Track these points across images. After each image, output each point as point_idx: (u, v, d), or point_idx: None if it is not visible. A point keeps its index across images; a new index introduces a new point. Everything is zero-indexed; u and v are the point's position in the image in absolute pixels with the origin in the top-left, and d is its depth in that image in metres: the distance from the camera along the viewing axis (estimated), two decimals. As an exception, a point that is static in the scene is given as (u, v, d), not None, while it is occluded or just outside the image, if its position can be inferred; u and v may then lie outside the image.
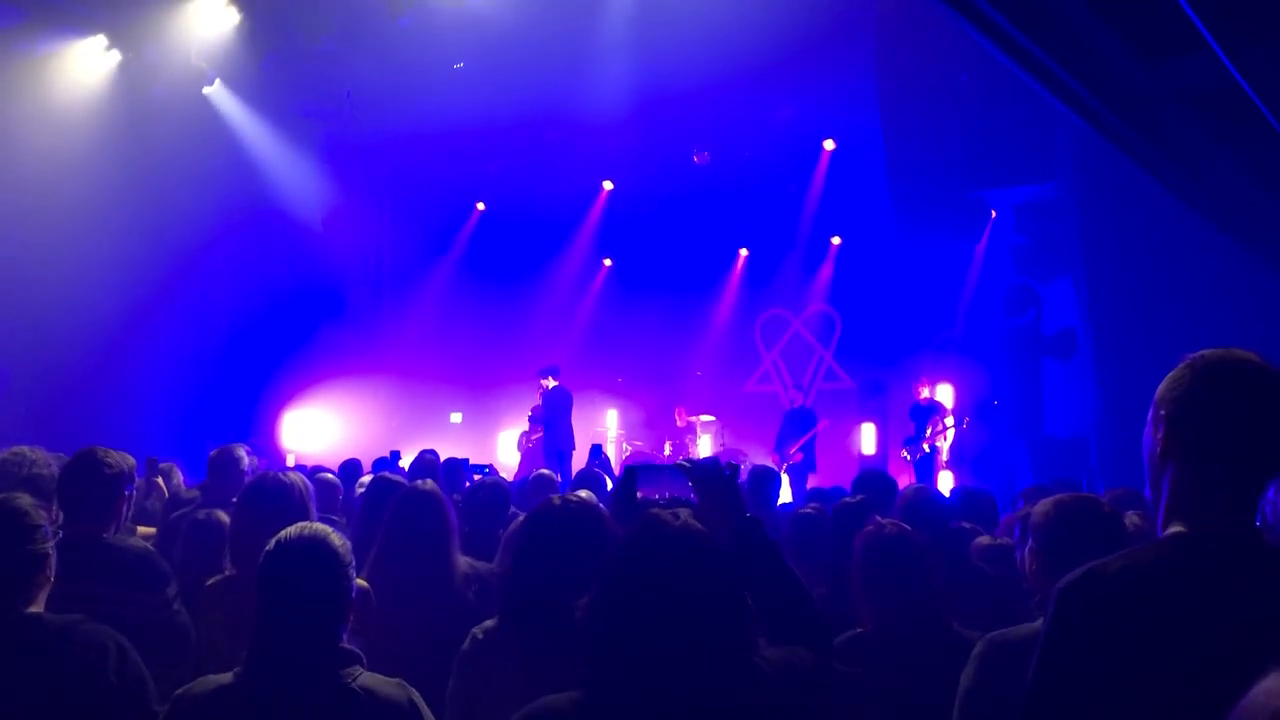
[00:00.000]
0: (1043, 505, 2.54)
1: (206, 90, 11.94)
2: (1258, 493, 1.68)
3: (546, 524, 2.58)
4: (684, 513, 1.79)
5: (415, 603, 3.22)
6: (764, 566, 2.03)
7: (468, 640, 2.55)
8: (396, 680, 2.21)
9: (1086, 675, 1.51)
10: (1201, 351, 1.70)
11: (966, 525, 4.54)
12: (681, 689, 1.62)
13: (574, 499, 2.64)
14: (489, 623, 2.57)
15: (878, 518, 3.04)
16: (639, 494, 2.14)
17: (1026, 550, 2.57)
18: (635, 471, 2.17)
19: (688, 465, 2.15)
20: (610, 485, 5.83)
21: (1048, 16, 4.42)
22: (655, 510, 1.79)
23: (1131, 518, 3.48)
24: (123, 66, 11.57)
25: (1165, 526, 1.68)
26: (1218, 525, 1.61)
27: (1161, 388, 1.71)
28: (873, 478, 4.75)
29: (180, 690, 2.15)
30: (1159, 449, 1.69)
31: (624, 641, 1.67)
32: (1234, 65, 4.14)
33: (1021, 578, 2.73)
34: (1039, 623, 1.83)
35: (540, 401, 12.12)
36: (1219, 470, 1.63)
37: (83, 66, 11.44)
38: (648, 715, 1.62)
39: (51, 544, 2.53)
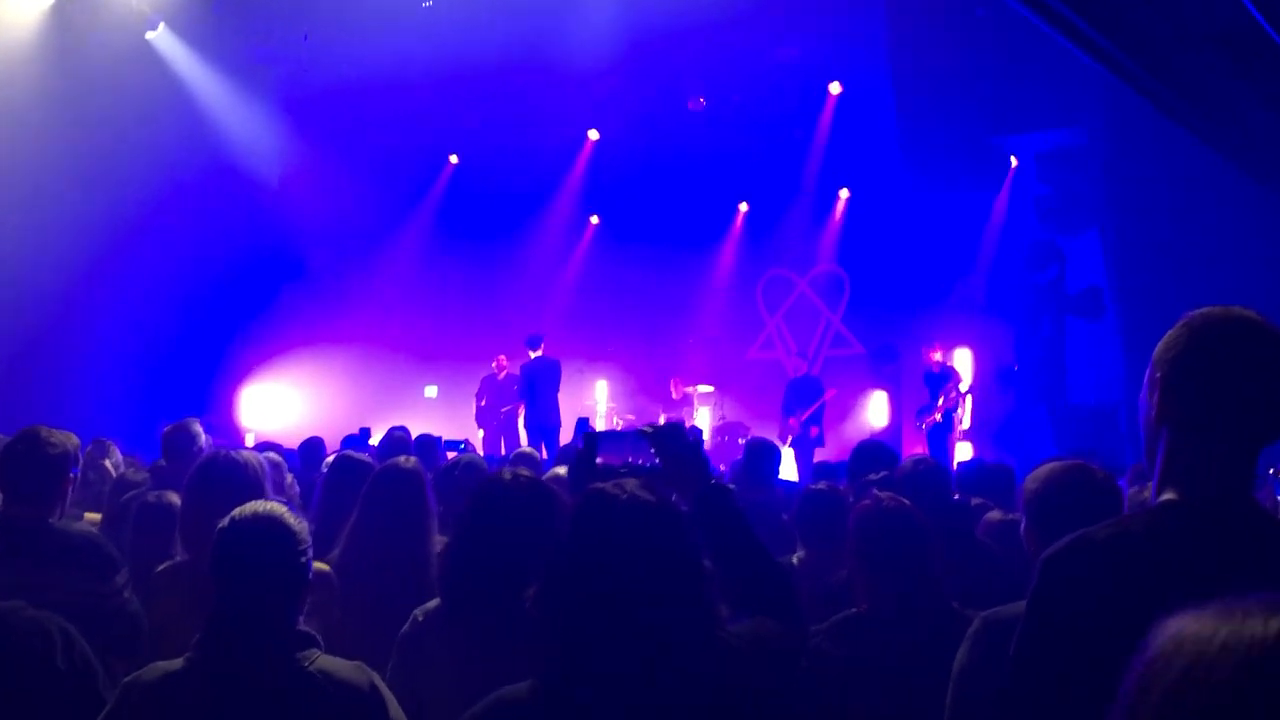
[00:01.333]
0: (1033, 476, 2.60)
1: (150, 35, 11.88)
2: (1254, 459, 1.74)
3: (491, 502, 2.63)
4: (630, 483, 1.81)
5: (389, 585, 3.29)
6: (729, 535, 2.10)
7: (408, 622, 2.62)
8: (356, 663, 2.29)
9: (1071, 645, 1.57)
10: (1200, 309, 1.73)
11: (976, 501, 4.62)
12: (642, 669, 1.67)
13: (523, 475, 2.69)
14: (431, 604, 2.63)
15: (875, 491, 3.10)
16: (600, 460, 2.20)
17: (1023, 525, 2.64)
18: (595, 438, 2.24)
19: (649, 431, 2.22)
20: None
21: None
22: (599, 485, 1.82)
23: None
24: (57, 8, 11.48)
25: (1159, 494, 1.73)
26: (1211, 493, 1.66)
27: (1158, 349, 1.74)
28: (870, 450, 4.81)
29: (129, 678, 2.22)
30: (1154, 413, 1.73)
31: (577, 627, 1.71)
32: (1251, 3, 4.18)
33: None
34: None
35: (511, 373, 12.12)
36: (1214, 436, 1.67)
37: (12, 6, 11.35)
38: (608, 698, 1.67)
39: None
